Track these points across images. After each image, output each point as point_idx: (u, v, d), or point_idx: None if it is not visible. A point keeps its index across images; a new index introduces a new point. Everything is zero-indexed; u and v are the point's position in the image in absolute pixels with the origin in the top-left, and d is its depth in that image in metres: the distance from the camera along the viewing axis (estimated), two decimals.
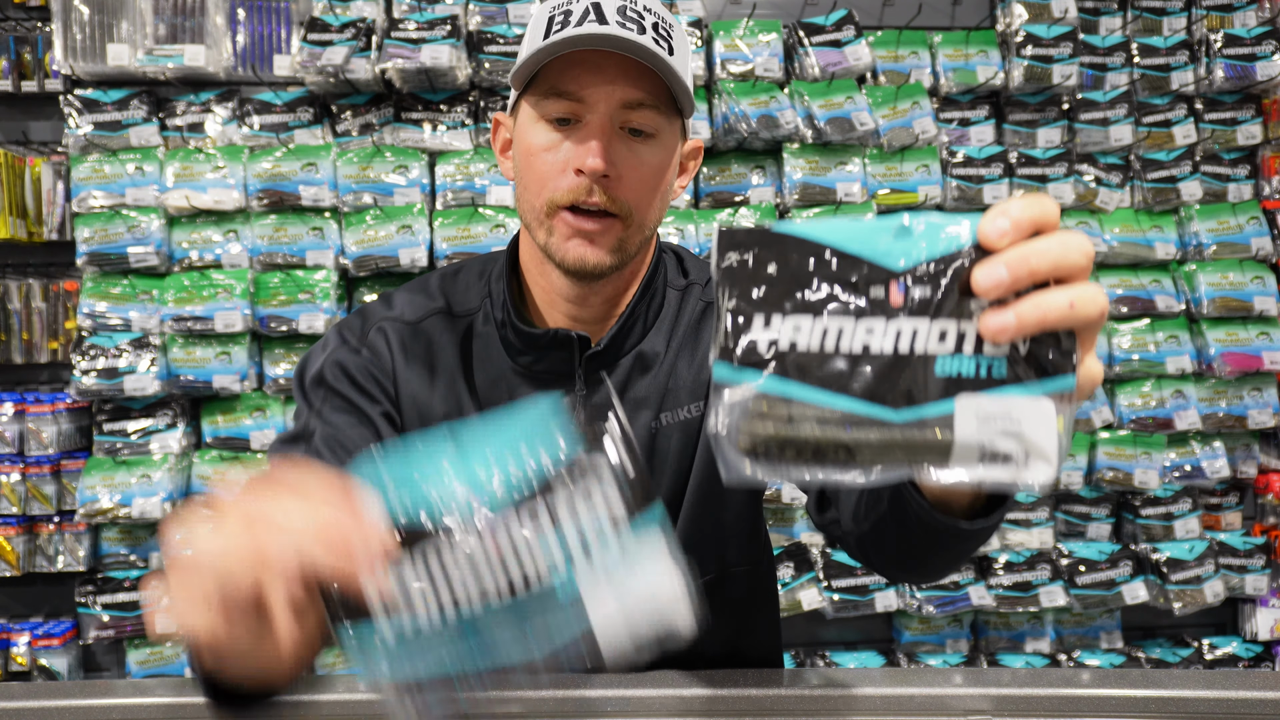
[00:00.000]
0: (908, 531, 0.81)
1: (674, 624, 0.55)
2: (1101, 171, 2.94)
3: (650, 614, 0.55)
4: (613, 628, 0.55)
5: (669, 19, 1.01)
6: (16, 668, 2.69)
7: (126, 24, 2.71)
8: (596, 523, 0.57)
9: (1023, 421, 0.53)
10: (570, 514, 0.57)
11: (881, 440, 0.54)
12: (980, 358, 0.55)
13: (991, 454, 0.54)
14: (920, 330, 0.55)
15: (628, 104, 0.99)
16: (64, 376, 2.83)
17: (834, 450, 0.54)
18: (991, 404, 0.54)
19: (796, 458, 0.55)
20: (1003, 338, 0.54)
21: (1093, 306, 0.54)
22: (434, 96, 2.80)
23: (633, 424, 1.09)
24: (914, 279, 0.55)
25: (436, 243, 2.70)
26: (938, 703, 0.94)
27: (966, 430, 0.54)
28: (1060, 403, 0.54)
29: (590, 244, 1.00)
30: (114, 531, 2.73)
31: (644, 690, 0.96)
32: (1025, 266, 0.54)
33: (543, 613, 0.56)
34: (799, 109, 2.77)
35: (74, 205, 2.69)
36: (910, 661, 2.91)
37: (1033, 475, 0.53)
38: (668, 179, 1.05)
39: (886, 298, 0.55)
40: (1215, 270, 2.91)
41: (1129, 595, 2.85)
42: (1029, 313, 0.53)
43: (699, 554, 1.11)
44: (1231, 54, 2.91)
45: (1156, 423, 2.89)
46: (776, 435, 0.55)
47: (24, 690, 0.98)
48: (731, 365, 0.56)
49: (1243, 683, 0.95)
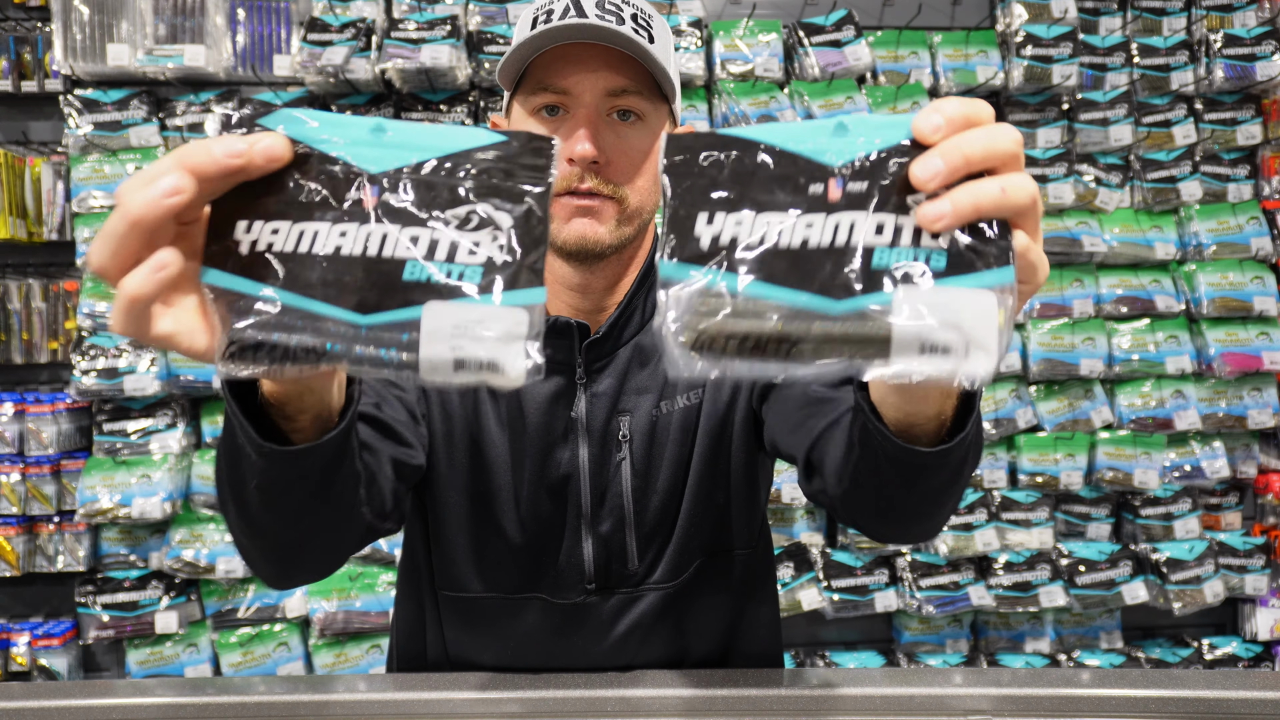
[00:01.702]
0: (880, 474, 0.82)
1: (504, 363, 0.54)
2: (1101, 171, 2.94)
3: (478, 345, 0.54)
4: (438, 338, 0.54)
5: (648, 9, 1.04)
6: (16, 668, 2.69)
7: (126, 24, 2.71)
8: (476, 253, 0.56)
9: (961, 312, 0.53)
10: (457, 224, 0.57)
11: (822, 332, 0.55)
12: (918, 249, 0.55)
13: (931, 345, 0.53)
14: (858, 223, 0.56)
15: (612, 91, 1.01)
16: (64, 376, 2.84)
17: (776, 342, 0.55)
18: (930, 295, 0.54)
19: (740, 350, 0.55)
20: (939, 225, 0.54)
21: (1023, 192, 0.55)
22: (434, 96, 2.80)
23: (633, 412, 1.10)
24: (851, 174, 0.56)
25: None
26: (938, 703, 0.94)
27: (905, 320, 0.54)
28: (1000, 294, 0.54)
29: (592, 219, 1.02)
30: (114, 531, 2.73)
31: (644, 690, 0.97)
32: (960, 155, 0.55)
33: (383, 285, 0.55)
34: (799, 109, 2.77)
35: (74, 205, 2.69)
36: (910, 661, 2.91)
37: (972, 366, 0.53)
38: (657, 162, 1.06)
39: (825, 193, 0.56)
40: (1215, 270, 2.91)
41: (1129, 595, 2.85)
42: (964, 199, 0.55)
43: (700, 537, 1.13)
44: (1231, 54, 2.92)
45: (1156, 423, 2.89)
46: (720, 329, 0.55)
47: (24, 690, 0.98)
48: (676, 262, 0.56)
49: (1243, 683, 0.95)
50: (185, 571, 2.68)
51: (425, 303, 0.54)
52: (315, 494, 0.78)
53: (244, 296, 0.55)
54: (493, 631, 1.14)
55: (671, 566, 1.13)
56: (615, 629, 1.13)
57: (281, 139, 0.57)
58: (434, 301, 0.54)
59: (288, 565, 0.88)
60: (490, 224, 0.56)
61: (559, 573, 1.12)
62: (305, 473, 0.74)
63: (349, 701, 0.96)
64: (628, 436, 1.10)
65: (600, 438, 1.10)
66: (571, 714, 0.96)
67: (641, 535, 1.12)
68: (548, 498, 1.10)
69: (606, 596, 1.13)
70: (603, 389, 1.10)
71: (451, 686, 0.98)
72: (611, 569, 1.12)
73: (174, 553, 2.67)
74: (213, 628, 2.77)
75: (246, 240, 0.57)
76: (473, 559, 1.13)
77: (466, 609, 1.14)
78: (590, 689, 0.97)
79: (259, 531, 0.82)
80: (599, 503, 1.11)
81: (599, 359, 1.10)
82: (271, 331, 0.54)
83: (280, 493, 0.76)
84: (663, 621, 1.14)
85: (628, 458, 1.10)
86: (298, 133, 0.58)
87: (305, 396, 0.70)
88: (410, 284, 0.55)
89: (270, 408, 0.70)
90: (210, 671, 2.76)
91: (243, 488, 0.77)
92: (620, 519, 1.11)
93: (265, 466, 0.72)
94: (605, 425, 1.10)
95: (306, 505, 0.79)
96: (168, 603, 2.70)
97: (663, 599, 1.13)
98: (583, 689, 0.97)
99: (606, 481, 1.11)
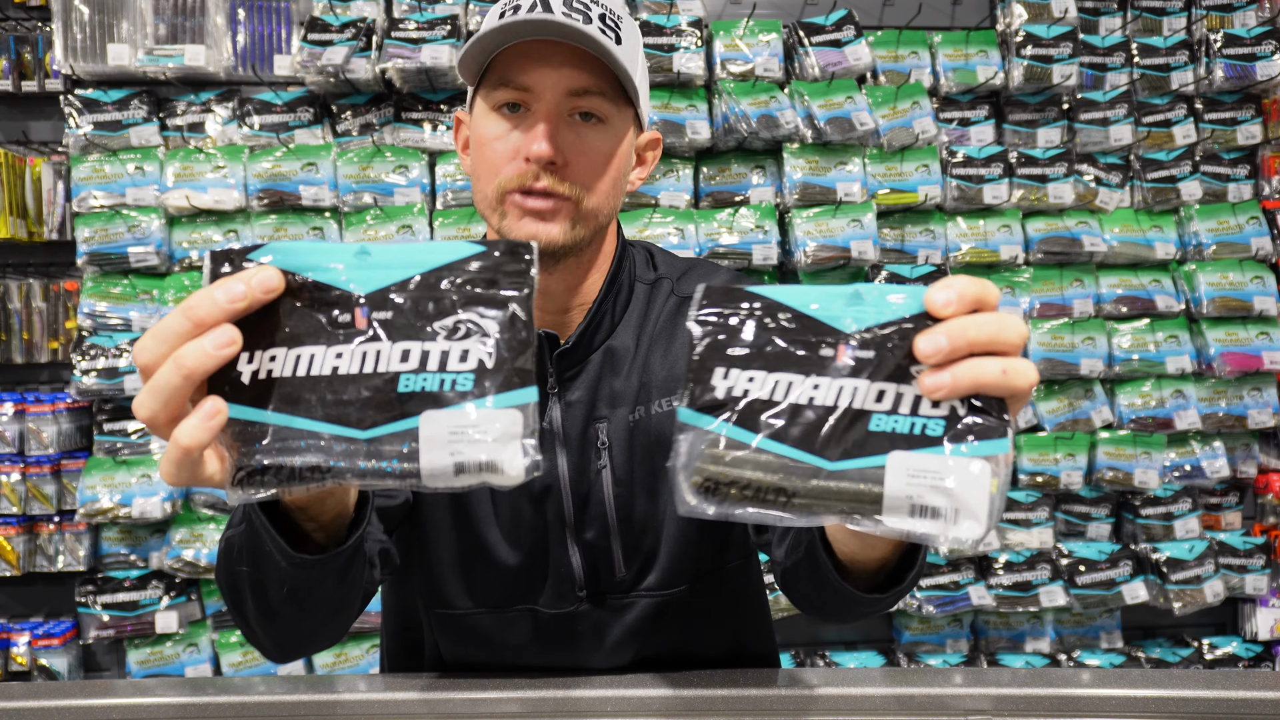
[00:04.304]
0: (818, 584, 0.88)
1: (503, 463, 0.57)
2: (1101, 171, 2.94)
3: (476, 449, 0.57)
4: (437, 445, 0.57)
5: (618, 11, 1.02)
6: (16, 668, 2.69)
7: (126, 24, 2.71)
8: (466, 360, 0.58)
9: (952, 479, 0.58)
10: (446, 335, 0.59)
11: (819, 488, 0.60)
12: (917, 418, 0.60)
13: (921, 508, 0.58)
14: (861, 389, 0.60)
15: (574, 91, 0.99)
16: (64, 376, 2.84)
17: (774, 493, 0.60)
18: (922, 461, 0.58)
19: (741, 497, 0.60)
20: (938, 395, 0.58)
21: (1023, 378, 0.59)
22: (434, 96, 2.80)
23: (610, 419, 1.09)
24: (860, 342, 0.61)
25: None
26: (938, 703, 0.94)
27: (896, 483, 0.58)
28: (994, 464, 0.58)
29: (542, 221, 1.00)
30: (114, 531, 2.73)
31: (644, 690, 0.97)
32: (964, 336, 0.58)
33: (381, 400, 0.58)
34: (799, 109, 2.77)
35: (74, 205, 2.70)
36: (910, 661, 2.91)
37: (962, 531, 0.57)
38: (618, 165, 1.05)
39: (835, 357, 0.61)
40: (1215, 270, 2.91)
41: (1129, 595, 2.86)
42: (964, 373, 0.58)
43: (692, 546, 1.11)
44: (1231, 54, 2.92)
45: (1156, 422, 2.89)
46: (725, 476, 0.61)
47: (24, 690, 0.98)
48: (692, 410, 0.62)
49: (1243, 683, 0.95)
50: (185, 571, 2.68)
51: (422, 412, 0.57)
52: (337, 583, 0.84)
53: (250, 424, 0.58)
54: (486, 645, 1.13)
55: (664, 574, 1.11)
56: (608, 637, 1.12)
57: (274, 272, 0.59)
58: (430, 410, 0.57)
59: (302, 647, 0.95)
60: (478, 331, 0.59)
61: (550, 583, 1.11)
62: (330, 571, 0.78)
63: (349, 701, 0.96)
64: (607, 443, 1.09)
65: (578, 446, 1.08)
66: (571, 714, 0.95)
67: (627, 542, 1.10)
68: (530, 509, 1.09)
69: (598, 604, 1.11)
70: (576, 397, 1.08)
71: (451, 687, 0.98)
72: (600, 577, 1.11)
73: (174, 552, 2.67)
74: (213, 627, 2.77)
75: (248, 370, 0.59)
76: (460, 577, 1.11)
77: (456, 624, 1.13)
78: (590, 689, 0.97)
79: (279, 624, 0.88)
80: (581, 510, 1.09)
81: (570, 367, 1.09)
82: (278, 455, 0.58)
83: (307, 592, 0.82)
84: (657, 629, 1.12)
85: (608, 465, 1.09)
86: (287, 263, 0.60)
87: (325, 500, 0.74)
88: (406, 395, 0.58)
89: (292, 511, 0.75)
90: (210, 671, 2.76)
91: (265, 590, 0.82)
92: (604, 526, 1.09)
93: (294, 573, 0.76)
94: (582, 433, 1.08)
95: (329, 596, 0.85)
96: (168, 602, 2.70)
97: (656, 606, 1.11)
98: (583, 689, 0.97)
99: (588, 489, 1.09)
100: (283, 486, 0.58)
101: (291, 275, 0.59)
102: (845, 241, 2.73)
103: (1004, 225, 2.88)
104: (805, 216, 2.76)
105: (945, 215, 2.90)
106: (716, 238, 2.74)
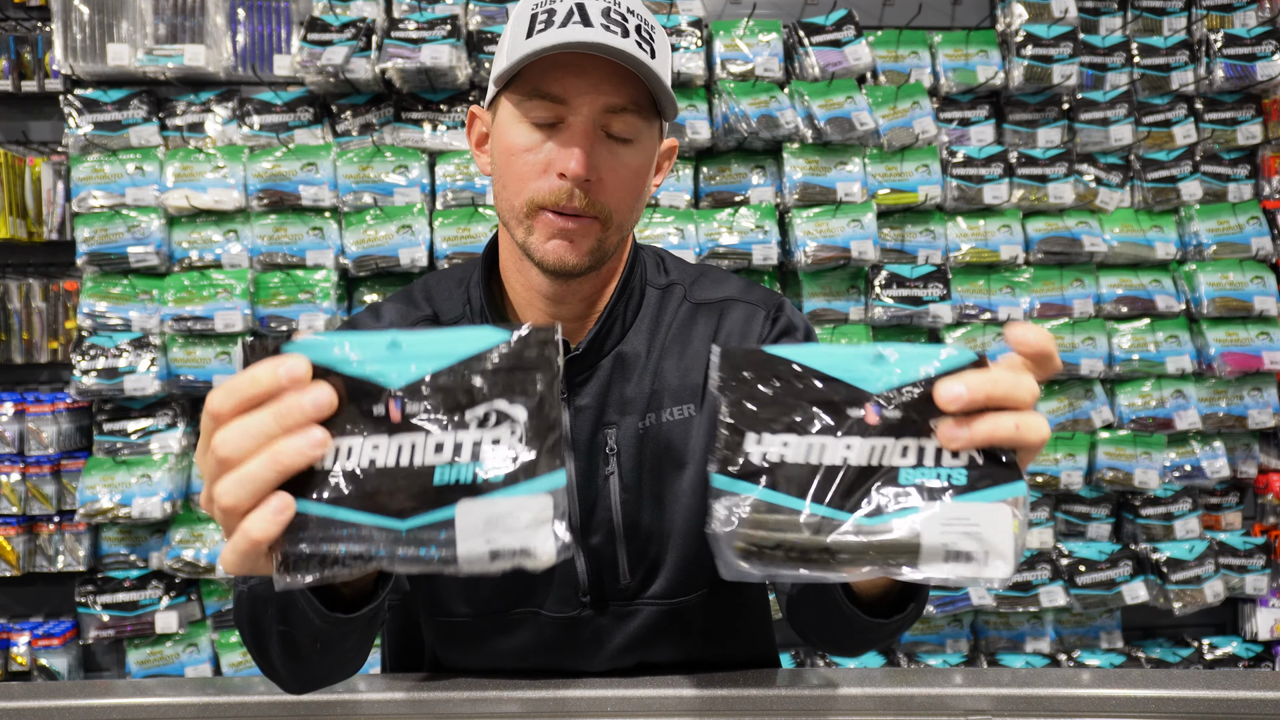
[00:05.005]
0: (826, 610, 0.90)
1: (535, 548, 0.59)
2: (1101, 171, 2.94)
3: (510, 536, 0.59)
4: (473, 533, 0.59)
5: (651, 20, 1.01)
6: (16, 668, 2.69)
7: (126, 24, 2.71)
8: (496, 452, 0.60)
9: (981, 524, 0.61)
10: (477, 424, 0.61)
11: (860, 544, 0.62)
12: (940, 469, 0.63)
13: (955, 553, 0.61)
14: (889, 447, 0.64)
15: (610, 109, 0.98)
16: (64, 376, 2.84)
17: (819, 552, 0.62)
18: (952, 509, 0.62)
19: (786, 559, 0.62)
20: (956, 445, 0.63)
21: (1035, 433, 0.63)
22: (434, 96, 2.80)
23: (620, 425, 1.09)
24: (886, 401, 0.64)
25: (436, 243, 2.70)
26: (938, 703, 0.94)
27: (931, 532, 0.61)
28: (1014, 506, 0.62)
29: (570, 244, 1.00)
30: (114, 531, 2.74)
31: (644, 690, 0.97)
32: (982, 392, 0.63)
33: (418, 490, 0.60)
34: (799, 109, 2.77)
35: (74, 205, 2.69)
36: (910, 661, 2.91)
37: (992, 571, 0.61)
38: (646, 181, 1.06)
39: (864, 418, 0.64)
40: (1215, 270, 2.91)
41: (1129, 595, 2.85)
42: (982, 428, 0.63)
43: (696, 559, 1.11)
44: (1231, 54, 2.92)
45: (1156, 423, 2.89)
46: (769, 540, 0.63)
47: (24, 690, 0.98)
48: (728, 476, 0.64)
49: (1243, 683, 0.95)
50: (185, 571, 2.68)
51: (458, 501, 0.60)
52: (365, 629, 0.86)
53: (294, 514, 0.60)
54: (486, 652, 1.12)
55: (669, 583, 1.10)
56: (610, 643, 1.11)
57: (301, 360, 0.61)
58: (465, 500, 0.60)
59: (325, 682, 0.96)
60: (507, 419, 0.61)
61: (554, 586, 1.10)
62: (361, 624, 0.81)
63: (349, 701, 0.96)
64: (615, 450, 1.08)
65: (586, 451, 1.08)
66: (571, 714, 0.95)
67: (633, 549, 1.09)
68: None
69: (601, 610, 1.10)
70: (586, 402, 1.08)
71: (451, 687, 0.98)
72: (604, 583, 1.10)
73: (174, 552, 2.67)
74: (213, 627, 2.77)
75: None
76: (460, 584, 1.10)
77: (455, 630, 1.12)
78: (590, 689, 0.97)
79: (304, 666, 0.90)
80: (588, 515, 1.09)
81: (581, 372, 1.08)
82: (320, 544, 0.60)
83: (338, 642, 0.84)
84: (660, 636, 1.11)
85: (616, 471, 1.08)
86: (320, 358, 0.62)
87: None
88: (442, 487, 0.60)
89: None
90: (210, 671, 2.76)
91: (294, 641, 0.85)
92: (610, 532, 1.09)
93: (327, 629, 0.78)
94: (591, 439, 1.08)
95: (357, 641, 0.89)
96: (168, 602, 2.70)
97: (659, 614, 1.11)
98: (583, 689, 0.97)
99: (595, 495, 1.09)
100: (326, 572, 0.60)
101: (326, 369, 0.61)
102: (845, 241, 2.73)
103: (1004, 225, 2.88)
104: (805, 216, 2.76)
105: (945, 215, 2.90)
106: (716, 238, 2.74)
